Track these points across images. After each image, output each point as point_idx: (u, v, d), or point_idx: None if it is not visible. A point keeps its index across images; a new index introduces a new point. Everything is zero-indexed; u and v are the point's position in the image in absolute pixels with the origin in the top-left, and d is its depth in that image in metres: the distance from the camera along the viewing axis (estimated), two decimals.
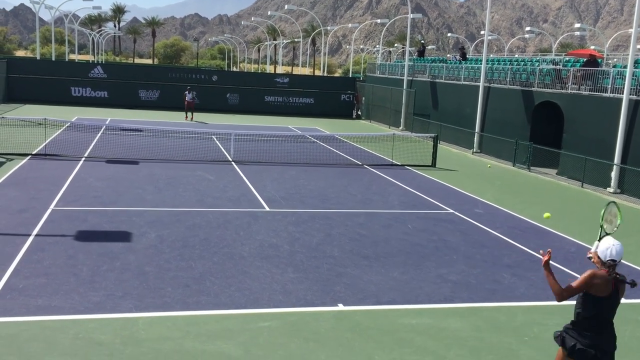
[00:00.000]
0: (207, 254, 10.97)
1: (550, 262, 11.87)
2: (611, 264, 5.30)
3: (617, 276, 5.29)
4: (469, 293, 9.92)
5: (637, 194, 19.42)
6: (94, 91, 40.89)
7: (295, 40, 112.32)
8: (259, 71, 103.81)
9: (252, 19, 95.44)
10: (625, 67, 22.12)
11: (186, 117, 35.03)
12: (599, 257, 5.40)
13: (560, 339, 5.65)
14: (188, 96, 34.55)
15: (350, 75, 66.52)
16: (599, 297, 5.27)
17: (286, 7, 58.34)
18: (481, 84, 28.68)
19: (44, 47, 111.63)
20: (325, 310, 8.87)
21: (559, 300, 5.36)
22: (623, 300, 10.13)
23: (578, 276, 11.33)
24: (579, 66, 24.74)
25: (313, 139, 29.04)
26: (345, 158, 23.99)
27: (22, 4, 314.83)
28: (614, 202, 6.15)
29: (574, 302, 5.74)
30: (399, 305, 9.24)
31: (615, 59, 32.76)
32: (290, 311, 8.73)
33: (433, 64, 37.19)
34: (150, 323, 8.02)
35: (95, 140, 24.28)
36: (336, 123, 39.19)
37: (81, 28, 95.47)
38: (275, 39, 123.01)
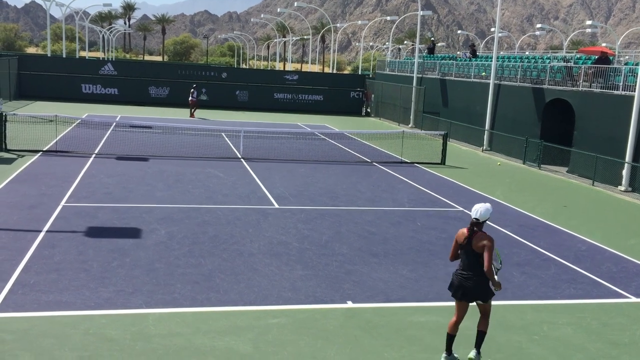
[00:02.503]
0: (216, 251, 11.00)
1: (562, 261, 11.84)
2: (473, 222, 7.05)
3: (475, 230, 7.02)
4: None
5: None
6: (104, 88, 41.06)
7: (305, 37, 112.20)
8: (269, 68, 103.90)
9: (262, 16, 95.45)
10: (637, 64, 21.96)
11: (191, 115, 34.87)
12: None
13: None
14: (194, 94, 34.66)
15: (359, 73, 66.44)
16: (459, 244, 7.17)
17: (296, 4, 58.27)
18: (491, 81, 28.55)
19: (55, 44, 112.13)
20: (335, 307, 8.87)
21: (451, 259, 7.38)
22: (634, 299, 10.13)
23: (588, 274, 11.33)
24: (590, 64, 24.57)
25: (322, 137, 29.03)
26: (354, 155, 23.97)
27: (33, 2, 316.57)
28: None
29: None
30: (408, 303, 9.23)
31: (627, 57, 32.54)
32: (299, 308, 8.74)
33: (443, 61, 37.06)
34: (160, 319, 8.06)
35: (106, 137, 24.40)
36: (345, 120, 39.15)
37: (92, 25, 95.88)
38: (284, 36, 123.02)
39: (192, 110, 34.86)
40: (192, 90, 34.99)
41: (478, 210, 7.03)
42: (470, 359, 7.33)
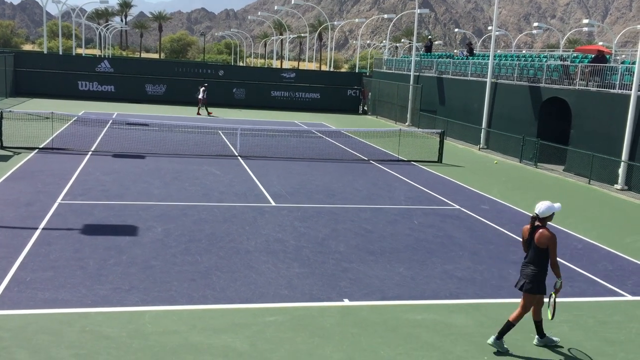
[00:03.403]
0: (213, 249, 10.99)
1: (558, 259, 11.85)
2: (533, 216, 7.60)
3: (535, 225, 7.57)
4: (475, 289, 9.91)
5: None
6: (100, 85, 40.99)
7: (302, 35, 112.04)
8: (266, 66, 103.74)
9: (259, 13, 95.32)
10: (633, 63, 21.98)
11: (199, 112, 35.32)
12: None
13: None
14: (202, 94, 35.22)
15: (356, 71, 66.41)
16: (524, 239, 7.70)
17: (293, 1, 58.18)
18: (488, 79, 28.56)
19: (51, 41, 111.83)
20: (331, 305, 8.87)
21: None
22: (629, 298, 10.16)
23: (584, 272, 11.36)
24: (587, 62, 24.60)
25: (319, 134, 29.02)
26: (351, 153, 23.97)
27: None
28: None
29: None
30: (405, 300, 9.23)
31: (623, 55, 32.58)
32: (296, 306, 8.74)
33: (440, 59, 37.06)
34: (157, 317, 8.05)
35: (102, 134, 24.35)
36: (342, 118, 39.14)
37: (88, 22, 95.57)
38: (281, 34, 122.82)
39: (203, 107, 35.46)
40: (202, 88, 35.42)
41: (539, 206, 7.59)
42: (488, 343, 7.76)
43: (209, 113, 35.48)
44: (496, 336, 7.71)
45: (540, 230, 7.47)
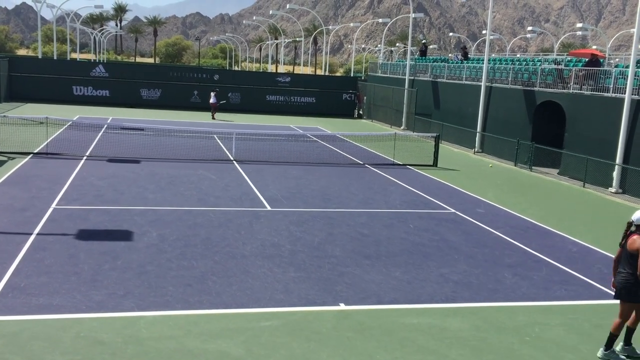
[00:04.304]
0: (208, 253, 10.97)
1: (552, 262, 11.88)
2: (629, 222, 7.72)
3: (627, 232, 7.73)
4: (471, 293, 9.91)
5: (639, 194, 19.40)
6: (95, 90, 40.90)
7: (297, 39, 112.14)
8: (261, 70, 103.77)
9: (254, 18, 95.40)
10: (627, 67, 22.08)
11: (213, 117, 36.56)
12: None
13: None
14: (213, 98, 36.43)
15: (351, 75, 66.48)
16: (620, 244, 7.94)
17: (288, 6, 58.31)
18: (483, 83, 28.64)
19: (46, 46, 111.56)
20: (327, 309, 8.86)
21: None
22: None
23: (579, 275, 11.40)
24: (581, 66, 24.71)
25: (314, 139, 29.02)
26: (346, 157, 23.98)
27: (23, 3, 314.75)
28: None
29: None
30: (401, 304, 9.23)
31: (617, 59, 32.72)
32: (291, 310, 8.72)
33: (435, 63, 37.15)
34: (152, 322, 8.03)
35: (97, 139, 24.29)
36: (338, 122, 39.16)
37: (83, 27, 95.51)
38: (276, 38, 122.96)
39: (213, 112, 36.78)
40: (214, 93, 36.56)
41: (636, 214, 7.71)
42: (599, 357, 7.86)
43: (213, 117, 36.31)
44: (623, 344, 7.82)
45: (634, 236, 7.57)
